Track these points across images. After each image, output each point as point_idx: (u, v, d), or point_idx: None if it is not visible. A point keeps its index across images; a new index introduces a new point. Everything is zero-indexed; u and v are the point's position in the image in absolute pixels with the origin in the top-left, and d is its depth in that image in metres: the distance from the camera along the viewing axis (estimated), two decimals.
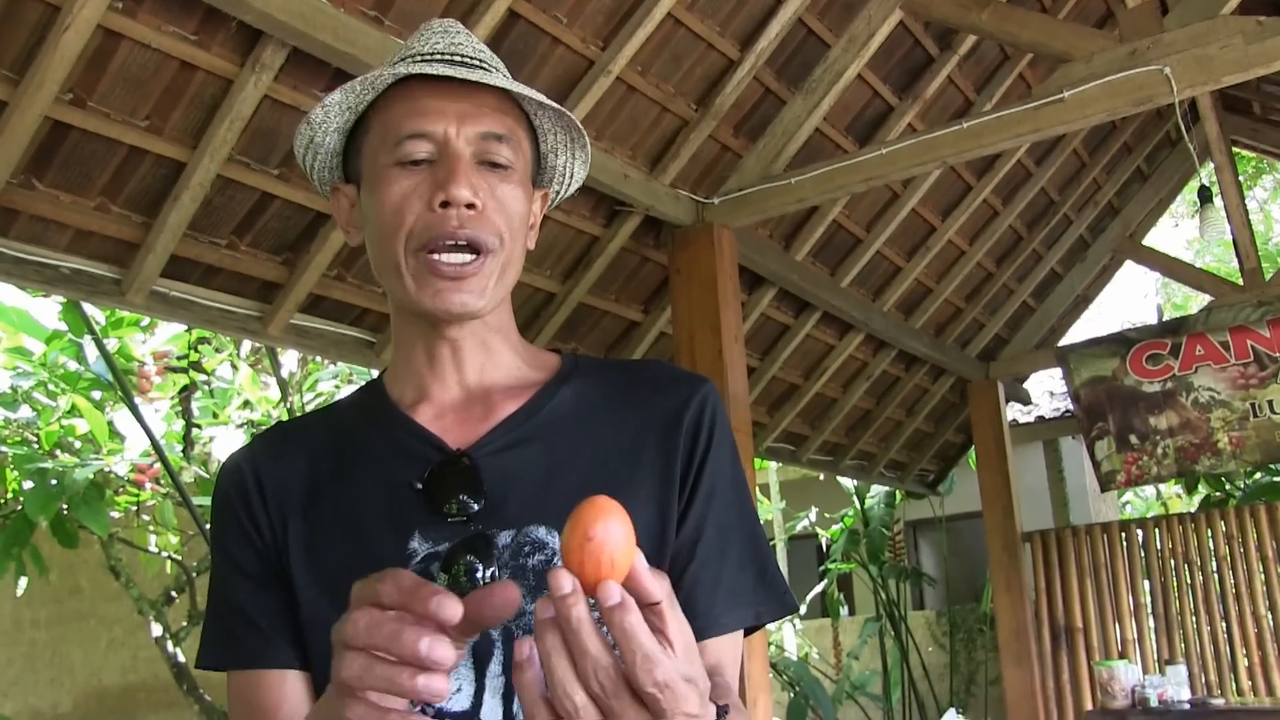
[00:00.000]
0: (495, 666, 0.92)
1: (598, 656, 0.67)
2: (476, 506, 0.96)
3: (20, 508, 4.11)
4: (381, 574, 0.73)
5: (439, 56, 1.00)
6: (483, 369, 1.04)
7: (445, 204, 0.96)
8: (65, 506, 3.99)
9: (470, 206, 0.96)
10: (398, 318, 1.06)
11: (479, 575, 0.92)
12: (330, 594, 0.96)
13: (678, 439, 1.01)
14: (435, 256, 0.96)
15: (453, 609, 0.68)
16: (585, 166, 1.11)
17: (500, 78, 1.00)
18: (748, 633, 1.03)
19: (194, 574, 5.79)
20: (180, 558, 5.66)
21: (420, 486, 0.97)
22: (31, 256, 2.59)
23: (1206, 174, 5.96)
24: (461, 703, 0.91)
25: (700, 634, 0.98)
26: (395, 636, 0.68)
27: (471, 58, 1.01)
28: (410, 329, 1.04)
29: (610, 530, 0.67)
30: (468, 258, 0.97)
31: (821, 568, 8.71)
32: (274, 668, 0.99)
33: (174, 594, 5.94)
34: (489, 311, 1.01)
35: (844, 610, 8.76)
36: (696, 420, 1.03)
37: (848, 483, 8.06)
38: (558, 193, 1.14)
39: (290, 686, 0.99)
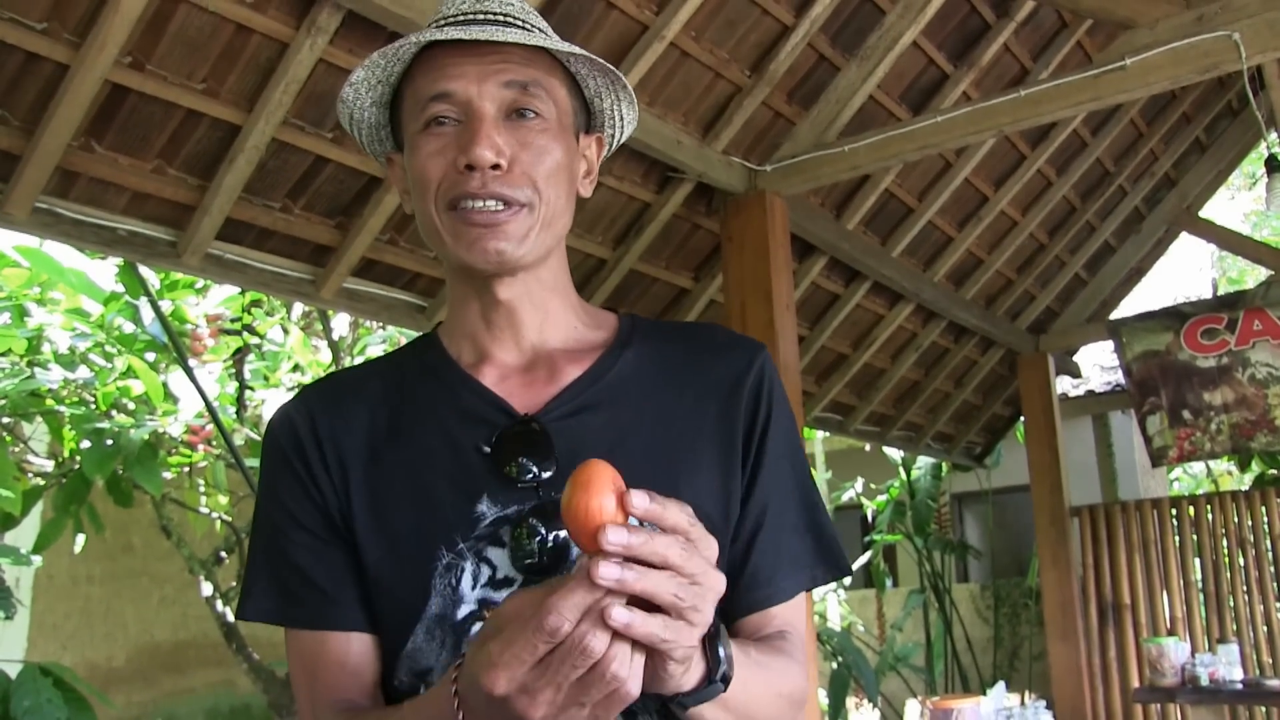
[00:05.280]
0: None
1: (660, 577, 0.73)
2: (547, 473, 0.96)
3: (78, 466, 4.19)
4: (503, 615, 0.76)
5: (461, 18, 0.99)
6: (541, 330, 1.04)
7: (470, 166, 0.95)
8: (120, 466, 4.06)
9: (495, 168, 0.95)
10: (452, 277, 1.06)
11: (543, 539, 0.93)
12: (395, 555, 0.97)
13: (739, 407, 1.02)
14: (466, 209, 0.96)
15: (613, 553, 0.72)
16: (632, 107, 1.09)
17: (518, 32, 0.98)
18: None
19: (243, 535, 5.89)
20: (230, 519, 5.75)
21: (488, 450, 0.97)
22: (90, 218, 2.63)
23: (1269, 145, 5.81)
24: None
25: (766, 601, 1.01)
26: (579, 655, 0.72)
27: (496, 13, 0.99)
28: (465, 289, 1.04)
29: (606, 499, 0.74)
30: (500, 205, 0.96)
31: (866, 539, 8.69)
32: (338, 629, 0.99)
33: (223, 554, 6.04)
34: (531, 262, 1.00)
35: (888, 582, 8.73)
36: (756, 388, 1.04)
37: (894, 454, 8.02)
38: (613, 137, 1.11)
39: (356, 648, 0.99)
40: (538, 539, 0.93)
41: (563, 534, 0.93)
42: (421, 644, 0.95)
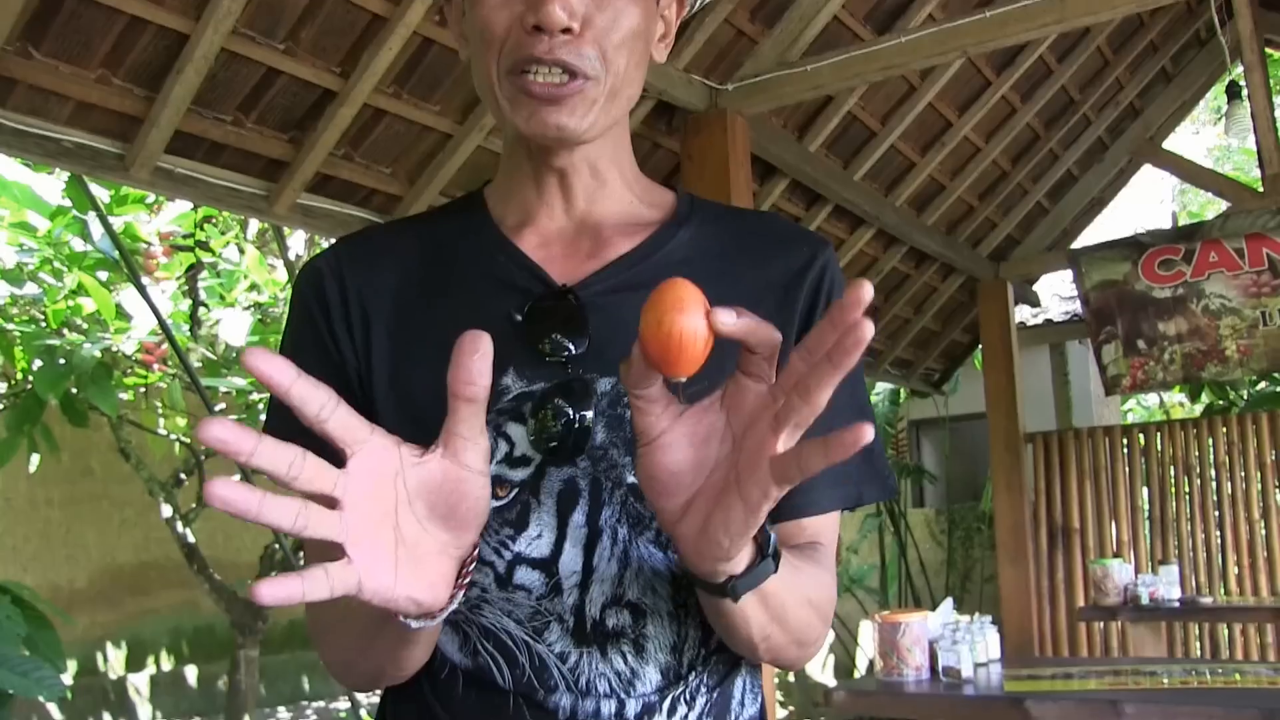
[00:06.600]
0: (579, 516, 0.88)
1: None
2: (579, 349, 0.90)
3: (30, 386, 4.15)
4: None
5: None
6: (593, 198, 0.97)
7: (538, 27, 0.87)
8: (74, 386, 4.02)
9: (566, 31, 0.87)
10: (506, 136, 0.99)
11: (569, 420, 0.87)
12: (415, 424, 0.89)
13: (796, 304, 0.95)
14: (528, 76, 0.88)
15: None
16: None
17: None
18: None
19: (202, 456, 5.87)
20: (189, 440, 5.73)
21: (520, 319, 0.91)
22: (32, 129, 2.55)
23: (1235, 76, 5.82)
24: (541, 549, 0.88)
25: (800, 511, 0.94)
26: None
27: None
28: (517, 149, 0.97)
29: (698, 320, 0.68)
30: (564, 78, 0.88)
31: None
32: None
33: (183, 476, 6.03)
34: (594, 137, 0.92)
35: None
36: (815, 286, 0.96)
37: None
38: None
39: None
40: (563, 420, 0.87)
41: (588, 415, 0.88)
42: None
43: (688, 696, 0.90)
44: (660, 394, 0.71)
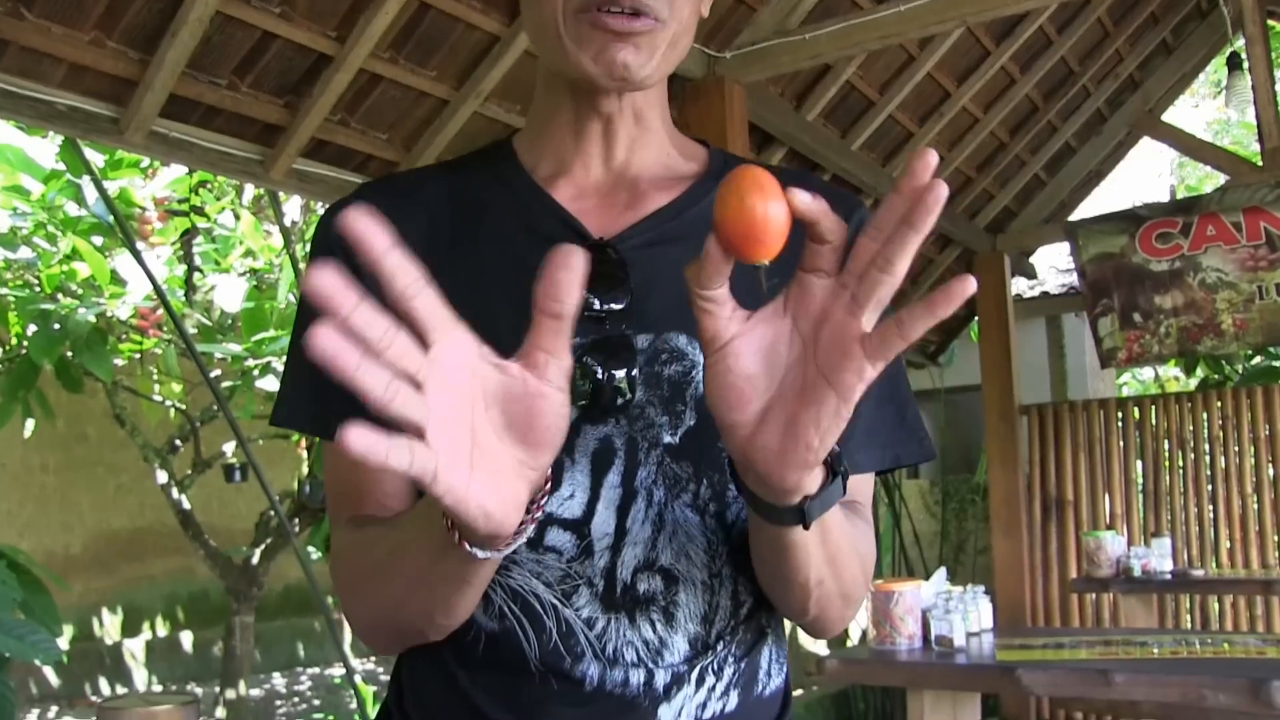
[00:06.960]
0: (613, 476, 0.86)
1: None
2: (618, 305, 0.88)
3: (25, 352, 4.14)
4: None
5: None
6: (631, 149, 0.96)
7: None
8: (69, 351, 4.01)
9: None
10: (545, 83, 0.97)
11: (599, 377, 0.85)
12: None
13: None
14: (602, 10, 0.87)
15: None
16: None
17: None
18: (882, 474, 0.98)
19: (198, 423, 5.87)
20: (184, 406, 5.73)
21: None
22: (25, 91, 2.53)
23: (1236, 49, 5.78)
24: (573, 510, 0.86)
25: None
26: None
27: None
28: (559, 95, 0.95)
29: (774, 198, 0.68)
30: (634, 15, 0.87)
31: None
32: None
33: (178, 442, 6.04)
34: (651, 85, 0.92)
35: None
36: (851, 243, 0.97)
37: None
38: None
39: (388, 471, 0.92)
40: (593, 379, 0.85)
41: (618, 373, 0.86)
42: None
43: (715, 667, 0.89)
44: (727, 296, 0.70)
